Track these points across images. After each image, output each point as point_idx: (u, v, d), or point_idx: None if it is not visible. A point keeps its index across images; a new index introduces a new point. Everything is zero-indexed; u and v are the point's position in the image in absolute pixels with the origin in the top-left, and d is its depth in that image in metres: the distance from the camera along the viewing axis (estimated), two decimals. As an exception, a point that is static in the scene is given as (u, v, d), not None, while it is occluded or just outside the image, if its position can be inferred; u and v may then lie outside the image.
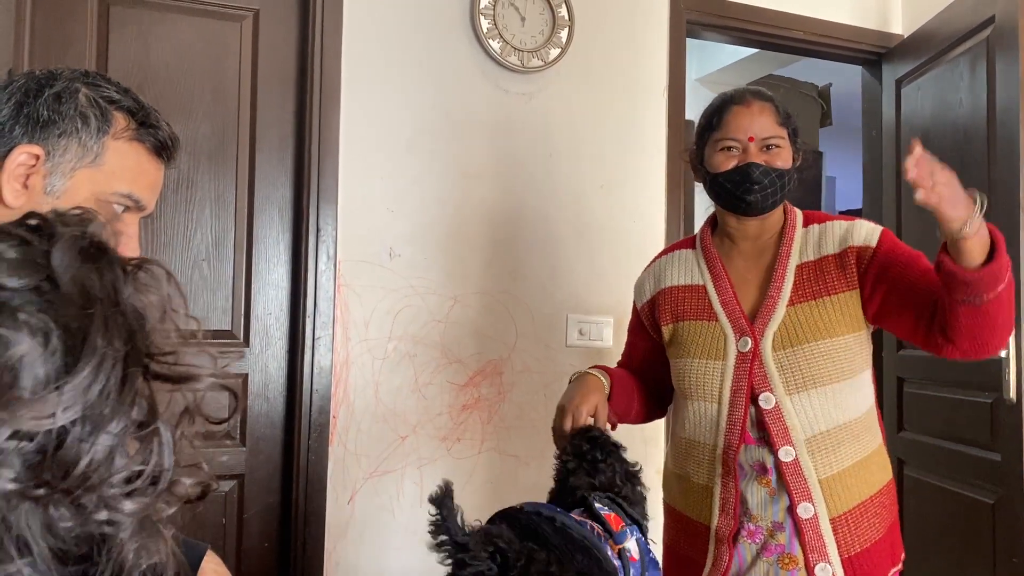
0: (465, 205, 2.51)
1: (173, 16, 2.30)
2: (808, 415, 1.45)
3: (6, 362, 0.43)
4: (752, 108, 1.52)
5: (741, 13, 2.88)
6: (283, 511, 2.36)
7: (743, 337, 1.50)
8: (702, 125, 1.59)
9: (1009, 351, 2.25)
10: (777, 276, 1.51)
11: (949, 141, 2.66)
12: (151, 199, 1.01)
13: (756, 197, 1.49)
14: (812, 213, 1.60)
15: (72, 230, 0.50)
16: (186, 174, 2.29)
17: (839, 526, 1.44)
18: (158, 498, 0.50)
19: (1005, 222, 2.34)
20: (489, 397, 2.52)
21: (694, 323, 1.58)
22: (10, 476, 0.43)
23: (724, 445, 1.51)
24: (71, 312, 0.46)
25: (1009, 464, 2.29)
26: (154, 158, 1.00)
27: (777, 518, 1.47)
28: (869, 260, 1.47)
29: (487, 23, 2.52)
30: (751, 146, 1.49)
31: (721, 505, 1.51)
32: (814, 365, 1.45)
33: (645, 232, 2.70)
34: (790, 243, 1.54)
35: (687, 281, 1.62)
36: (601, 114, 2.68)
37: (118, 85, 0.98)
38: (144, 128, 0.98)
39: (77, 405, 0.44)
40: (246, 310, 2.34)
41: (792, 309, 1.48)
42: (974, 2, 2.53)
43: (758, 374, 1.48)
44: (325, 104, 2.36)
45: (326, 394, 2.33)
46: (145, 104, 1.00)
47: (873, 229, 1.50)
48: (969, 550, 2.48)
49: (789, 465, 1.45)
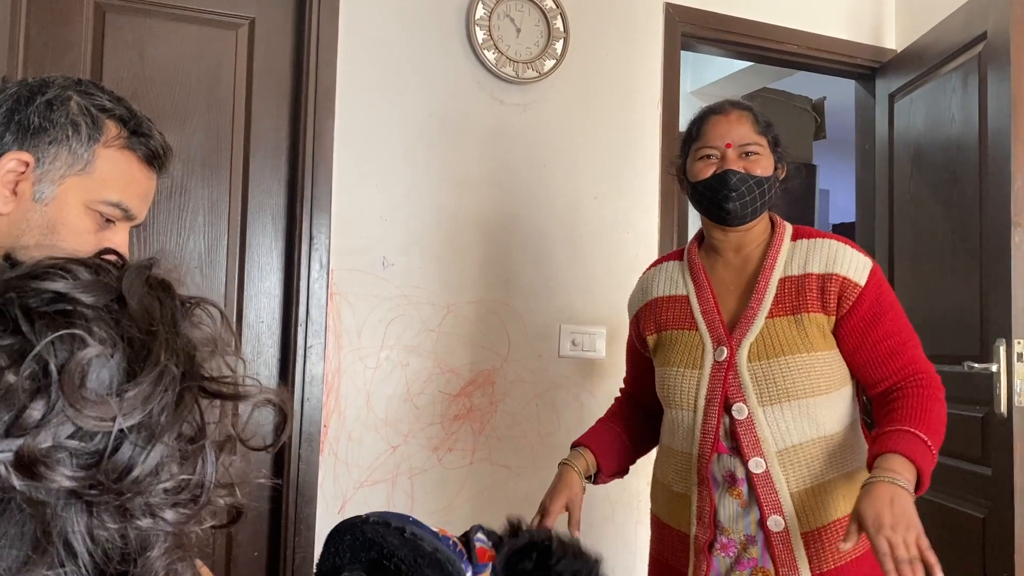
0: (459, 215, 2.52)
1: (169, 23, 2.30)
2: (780, 427, 1.45)
3: (78, 362, 0.46)
4: (730, 116, 1.54)
5: (736, 26, 2.89)
6: (273, 520, 2.35)
7: (720, 346, 1.51)
8: (684, 137, 1.63)
9: (1000, 365, 2.25)
10: (759, 288, 1.52)
11: (941, 156, 2.68)
12: (142, 208, 1.00)
13: (735, 205, 1.49)
14: (803, 228, 1.60)
15: (140, 263, 0.55)
16: (179, 181, 2.29)
17: (811, 541, 1.44)
18: (197, 513, 0.51)
19: (995, 238, 2.35)
20: (481, 407, 2.52)
21: (675, 332, 1.59)
22: (67, 473, 0.45)
23: (698, 454, 1.51)
24: (136, 329, 0.49)
25: (1000, 478, 2.29)
26: (145, 167, 1.00)
27: (749, 531, 1.47)
28: (854, 302, 1.47)
29: (482, 34, 2.52)
30: (729, 153, 1.51)
31: (698, 514, 1.52)
32: (788, 378, 1.45)
33: (639, 243, 2.71)
34: (775, 256, 1.54)
35: (671, 292, 1.63)
36: (596, 125, 2.68)
37: (111, 94, 0.98)
38: (136, 137, 0.98)
39: (137, 412, 0.47)
40: (238, 318, 2.34)
41: (771, 321, 1.49)
42: (966, 18, 2.55)
43: (732, 384, 1.48)
44: (320, 113, 2.36)
45: (317, 403, 2.32)
46: (138, 113, 0.99)
47: (863, 265, 1.49)
48: (960, 564, 2.48)
49: (760, 476, 1.45)
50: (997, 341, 2.28)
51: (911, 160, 2.87)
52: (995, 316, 2.33)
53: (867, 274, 1.49)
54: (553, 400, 2.60)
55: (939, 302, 2.64)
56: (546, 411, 2.59)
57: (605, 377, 2.63)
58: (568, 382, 2.61)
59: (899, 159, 2.96)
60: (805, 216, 4.98)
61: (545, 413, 2.58)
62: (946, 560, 2.53)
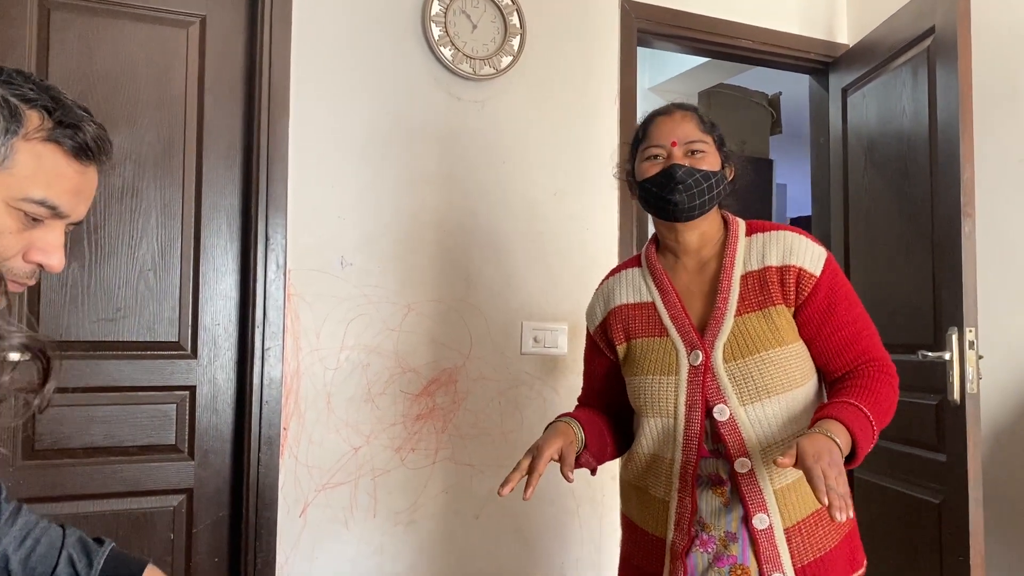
0: (418, 212, 2.50)
1: (117, 22, 2.25)
2: (763, 425, 1.46)
3: None
4: (674, 116, 1.56)
5: (691, 22, 2.91)
6: (233, 525, 2.32)
7: (694, 351, 1.51)
8: (632, 141, 1.64)
9: (952, 353, 2.30)
10: (723, 287, 1.52)
11: (894, 148, 2.72)
12: (76, 205, 0.93)
13: (681, 196, 1.50)
14: (756, 223, 1.61)
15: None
16: (131, 182, 2.24)
17: (793, 536, 1.45)
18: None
19: (946, 228, 2.39)
20: (444, 406, 2.51)
21: (645, 340, 1.58)
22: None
23: (682, 460, 1.50)
24: None
25: (954, 465, 2.33)
26: (74, 161, 0.91)
27: (730, 528, 1.47)
28: (809, 292, 1.49)
29: (438, 30, 2.51)
30: (675, 151, 1.52)
31: (676, 520, 1.51)
32: (766, 375, 1.46)
33: (598, 239, 2.72)
34: (733, 253, 1.55)
35: (636, 299, 1.62)
36: (554, 122, 2.69)
37: (38, 83, 0.90)
38: (62, 128, 0.89)
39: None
40: (193, 321, 2.30)
41: (740, 319, 1.49)
42: (916, 12, 2.59)
43: (711, 387, 1.48)
44: (274, 111, 2.33)
45: (276, 406, 2.29)
46: (66, 101, 0.91)
47: (818, 255, 1.51)
48: (917, 549, 2.52)
49: (744, 476, 1.46)
50: (949, 330, 2.32)
51: (865, 153, 2.92)
52: (947, 305, 2.37)
53: (822, 264, 1.50)
54: (516, 397, 2.59)
55: (894, 292, 2.69)
56: (509, 408, 2.58)
57: (567, 373, 2.63)
58: (530, 379, 2.61)
59: (853, 152, 3.00)
60: (763, 210, 5.04)
61: (508, 410, 2.58)
62: (903, 545, 2.59)
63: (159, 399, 2.26)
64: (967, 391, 2.28)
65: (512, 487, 1.38)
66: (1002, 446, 2.58)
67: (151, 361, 2.25)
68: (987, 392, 2.51)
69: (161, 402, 2.26)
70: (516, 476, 1.40)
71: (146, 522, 2.23)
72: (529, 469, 1.41)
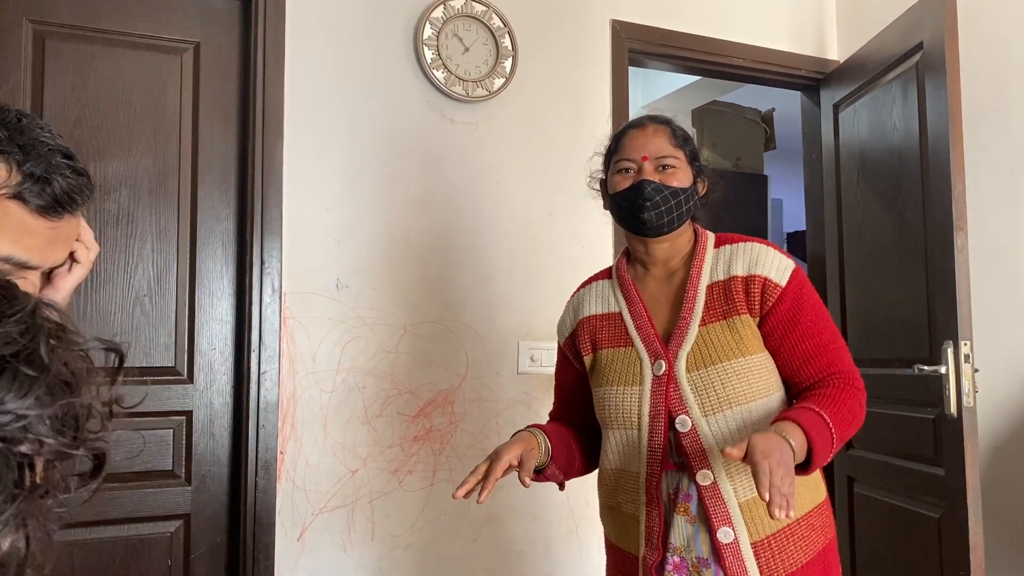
0: (413, 234, 2.51)
1: (111, 49, 2.27)
2: (725, 437, 1.44)
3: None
4: (647, 130, 1.56)
5: (682, 42, 2.94)
6: (231, 550, 2.31)
7: (657, 360, 1.50)
8: (606, 152, 1.65)
9: (948, 367, 2.30)
10: (688, 297, 1.52)
11: (886, 163, 2.74)
12: (48, 256, 0.87)
13: (650, 215, 1.50)
14: (725, 235, 1.61)
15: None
16: (126, 209, 2.25)
17: (761, 550, 1.43)
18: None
19: (939, 241, 2.40)
20: (441, 427, 2.50)
21: (611, 351, 1.58)
22: None
23: (647, 472, 1.49)
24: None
25: (952, 478, 2.33)
26: (41, 218, 0.84)
27: (702, 553, 1.45)
28: (774, 302, 1.48)
29: (431, 53, 2.53)
30: (645, 165, 1.53)
31: (646, 535, 1.49)
32: (728, 385, 1.45)
33: (593, 257, 2.72)
34: (700, 264, 1.55)
35: (604, 310, 1.62)
36: (547, 142, 2.70)
37: (13, 124, 0.83)
38: (31, 182, 0.82)
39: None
40: (190, 346, 2.30)
41: (704, 329, 1.49)
42: (904, 29, 2.62)
43: (674, 397, 1.47)
44: (268, 136, 2.34)
45: (273, 430, 2.29)
46: (40, 149, 0.83)
47: (785, 267, 1.50)
48: (917, 564, 2.51)
49: (707, 489, 1.44)
50: (945, 343, 2.32)
51: (857, 168, 2.93)
52: (942, 319, 2.38)
53: (788, 274, 1.50)
54: (513, 417, 2.59)
55: (889, 306, 2.69)
56: (507, 428, 2.58)
57: (564, 392, 2.63)
58: (528, 398, 2.61)
59: (845, 167, 3.02)
60: (758, 226, 5.05)
61: (506, 430, 2.57)
62: (903, 560, 2.57)
63: (156, 424, 2.26)
64: (964, 404, 2.28)
65: (467, 490, 1.39)
66: (1001, 459, 2.58)
67: (147, 387, 2.25)
68: (984, 405, 2.51)
69: (158, 427, 2.26)
70: (472, 480, 1.41)
71: (143, 548, 2.22)
72: (485, 474, 1.41)
